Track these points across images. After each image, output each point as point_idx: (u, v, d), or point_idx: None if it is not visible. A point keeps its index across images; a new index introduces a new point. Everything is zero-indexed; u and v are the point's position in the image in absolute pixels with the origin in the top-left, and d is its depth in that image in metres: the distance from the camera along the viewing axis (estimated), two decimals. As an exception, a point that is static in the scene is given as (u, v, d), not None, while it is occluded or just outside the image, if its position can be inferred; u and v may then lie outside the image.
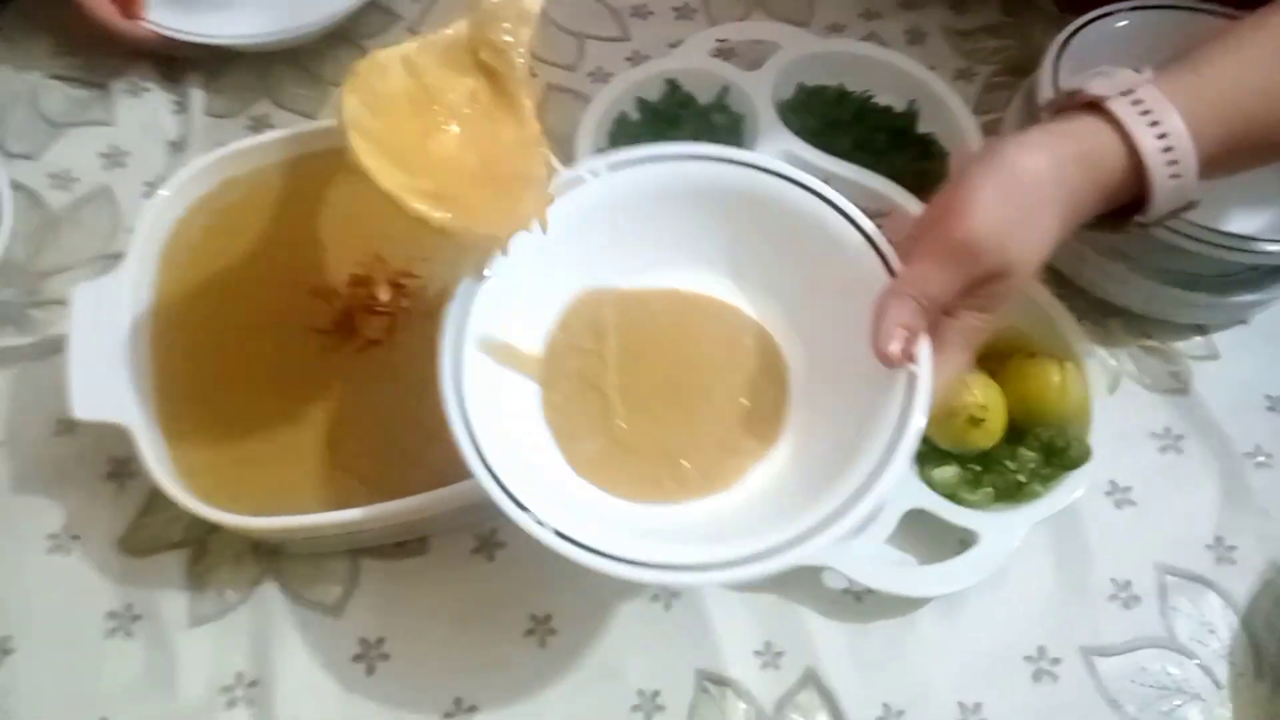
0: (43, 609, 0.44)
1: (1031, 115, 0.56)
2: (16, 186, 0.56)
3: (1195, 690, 0.45)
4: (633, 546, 0.33)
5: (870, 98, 0.59)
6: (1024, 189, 0.34)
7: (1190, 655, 0.45)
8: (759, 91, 0.57)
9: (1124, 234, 0.39)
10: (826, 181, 0.53)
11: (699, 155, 0.41)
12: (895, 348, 0.34)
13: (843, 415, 0.37)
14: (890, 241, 0.38)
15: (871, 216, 0.39)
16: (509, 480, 0.34)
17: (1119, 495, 0.49)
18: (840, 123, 0.58)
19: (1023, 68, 0.63)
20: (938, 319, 0.35)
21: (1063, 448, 0.46)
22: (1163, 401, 0.52)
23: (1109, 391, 0.52)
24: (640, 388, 0.40)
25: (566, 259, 0.40)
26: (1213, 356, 0.54)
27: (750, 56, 0.59)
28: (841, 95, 0.59)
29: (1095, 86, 0.37)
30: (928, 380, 0.35)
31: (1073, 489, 0.46)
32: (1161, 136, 0.35)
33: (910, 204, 0.53)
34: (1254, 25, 0.38)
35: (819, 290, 0.40)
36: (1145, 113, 0.36)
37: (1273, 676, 0.45)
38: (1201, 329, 0.55)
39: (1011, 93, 0.60)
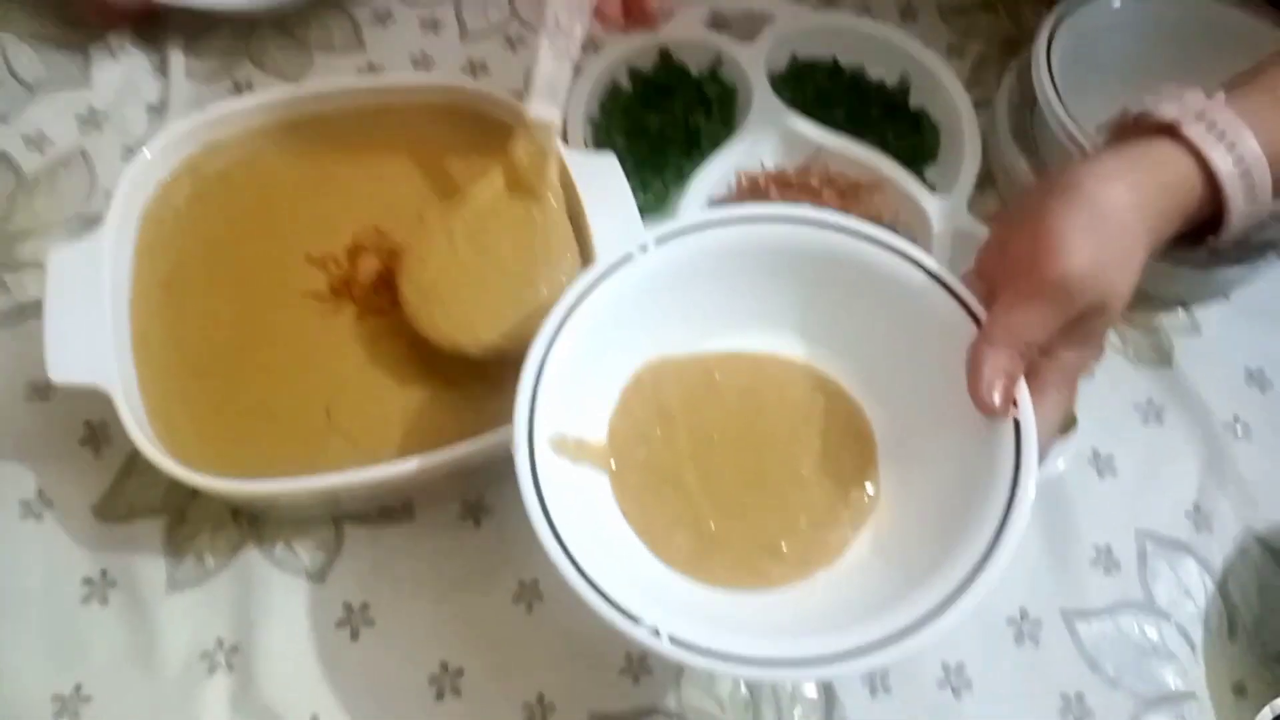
0: (15, 577, 0.43)
1: (1024, 95, 0.56)
2: (-12, 149, 0.54)
3: (1171, 650, 0.46)
4: (742, 643, 0.31)
5: (863, 71, 0.59)
6: (1110, 223, 0.34)
7: (1167, 617, 0.46)
8: (752, 63, 0.57)
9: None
10: (818, 154, 0.55)
11: (749, 218, 0.39)
12: (998, 397, 0.33)
13: (941, 473, 0.35)
14: (969, 287, 0.37)
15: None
16: (613, 591, 0.31)
17: (1101, 464, 0.50)
18: (833, 95, 0.58)
19: (1014, 44, 0.63)
20: (1035, 362, 0.35)
21: (1048, 416, 0.46)
22: (1145, 374, 0.53)
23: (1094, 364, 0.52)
24: (720, 475, 0.38)
25: (621, 337, 0.39)
26: (1194, 330, 0.55)
27: (744, 28, 0.59)
28: (834, 68, 0.59)
29: (1165, 110, 0.36)
30: (1032, 425, 0.33)
31: (1057, 458, 0.46)
32: (1238, 160, 0.35)
33: (900, 176, 0.53)
34: None
35: (894, 343, 0.38)
36: (1220, 136, 0.35)
37: (1245, 636, 0.46)
38: (1183, 303, 0.55)
39: (1002, 69, 0.60)
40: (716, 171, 0.53)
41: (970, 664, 0.44)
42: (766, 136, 0.55)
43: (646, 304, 0.39)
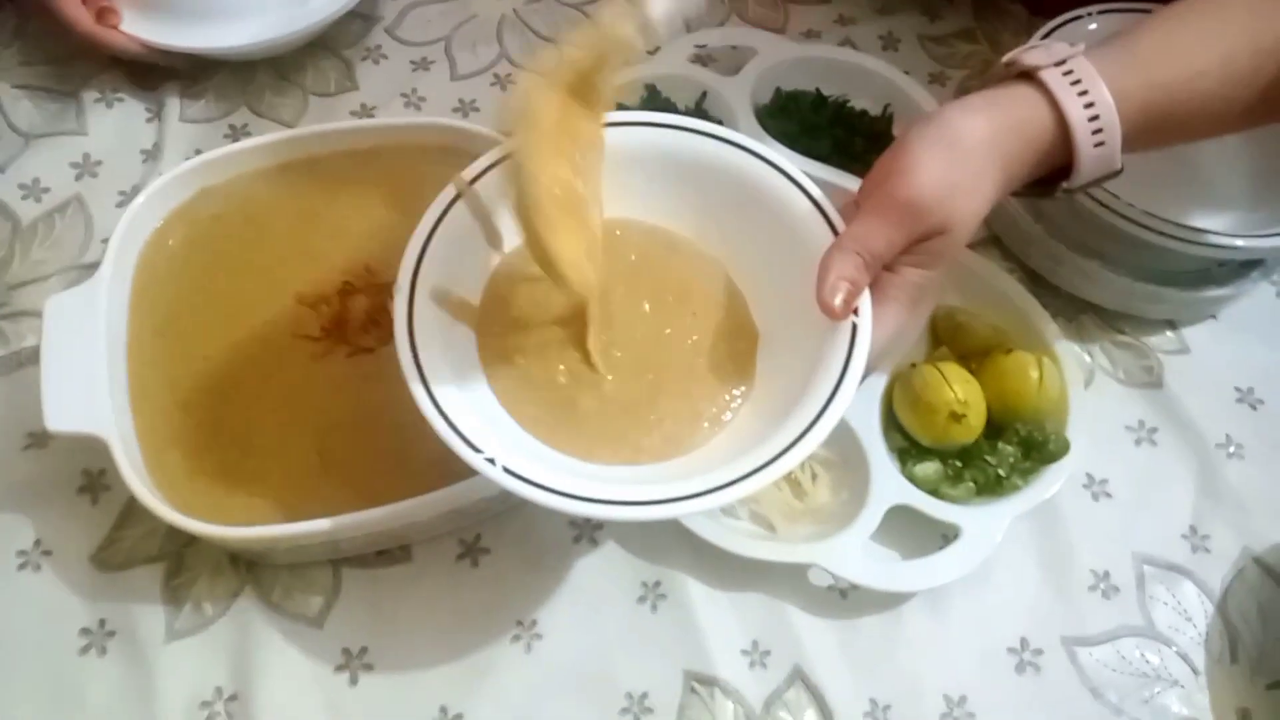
0: (13, 628, 0.43)
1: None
2: (-15, 198, 0.55)
3: (1174, 677, 0.45)
4: (588, 487, 0.33)
5: (847, 102, 0.60)
6: (964, 152, 0.36)
7: (1168, 643, 0.46)
8: (737, 97, 0.57)
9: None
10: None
11: (655, 123, 0.40)
12: (839, 300, 0.35)
13: (794, 372, 0.37)
14: (845, 214, 0.39)
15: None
16: (460, 421, 0.33)
17: (1096, 488, 0.50)
18: (818, 127, 0.58)
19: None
20: (880, 275, 0.37)
21: (1042, 442, 0.47)
22: (1136, 395, 0.53)
23: (1084, 386, 0.52)
24: (600, 327, 0.38)
25: None
26: (1184, 350, 0.55)
27: (728, 62, 0.60)
28: (819, 100, 0.60)
29: (1031, 57, 0.38)
30: (868, 330, 0.35)
31: (1052, 482, 0.46)
32: (1089, 105, 0.37)
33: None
34: (1188, 4, 0.40)
35: (769, 253, 0.40)
36: (1075, 82, 0.37)
37: (1247, 662, 0.46)
38: (1172, 324, 0.56)
39: (983, 96, 0.61)
40: (706, 205, 0.54)
41: (972, 695, 0.44)
42: (754, 169, 0.56)
43: None
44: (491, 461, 0.32)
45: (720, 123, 0.57)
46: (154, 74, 0.61)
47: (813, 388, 0.35)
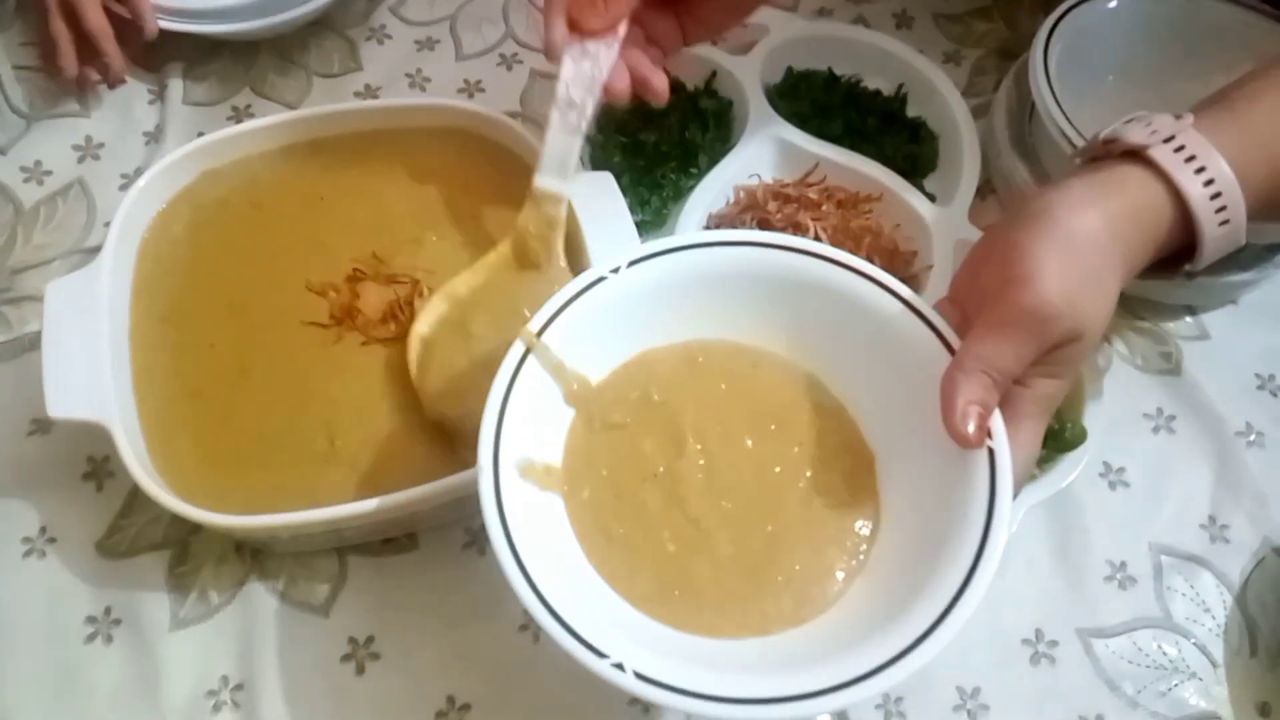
0: (19, 615, 0.43)
1: (1021, 99, 0.56)
2: (-14, 181, 0.54)
3: (1192, 669, 0.45)
4: (711, 681, 0.29)
5: (859, 81, 0.59)
6: (1083, 251, 0.33)
7: (1186, 635, 0.45)
8: (748, 76, 0.56)
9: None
10: (817, 166, 0.54)
11: (723, 241, 0.37)
12: (971, 427, 0.32)
13: (922, 504, 0.34)
14: (943, 315, 0.36)
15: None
16: (576, 622, 0.30)
17: (1113, 477, 0.49)
18: (830, 107, 0.57)
19: (1011, 50, 0.62)
20: (1010, 390, 0.34)
21: (1058, 430, 0.46)
22: (1154, 382, 0.52)
23: (1102, 373, 0.52)
24: (695, 491, 0.35)
25: (594, 355, 0.37)
26: (1203, 337, 0.54)
27: (738, 41, 0.59)
28: (831, 79, 0.59)
29: (1134, 134, 0.35)
30: (1007, 456, 0.32)
31: (1068, 471, 0.45)
32: (1208, 183, 0.34)
33: (900, 187, 0.53)
34: None
35: (872, 369, 0.36)
36: (1189, 159, 0.34)
37: (1267, 654, 0.45)
38: (1191, 310, 0.55)
39: (1000, 75, 0.59)
40: (714, 186, 0.53)
41: (986, 687, 0.44)
42: (764, 150, 0.55)
43: (620, 323, 0.37)
44: (620, 667, 0.29)
45: (730, 103, 0.57)
46: (156, 55, 0.60)
47: (958, 531, 0.31)
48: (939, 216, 0.52)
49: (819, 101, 0.58)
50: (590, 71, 0.41)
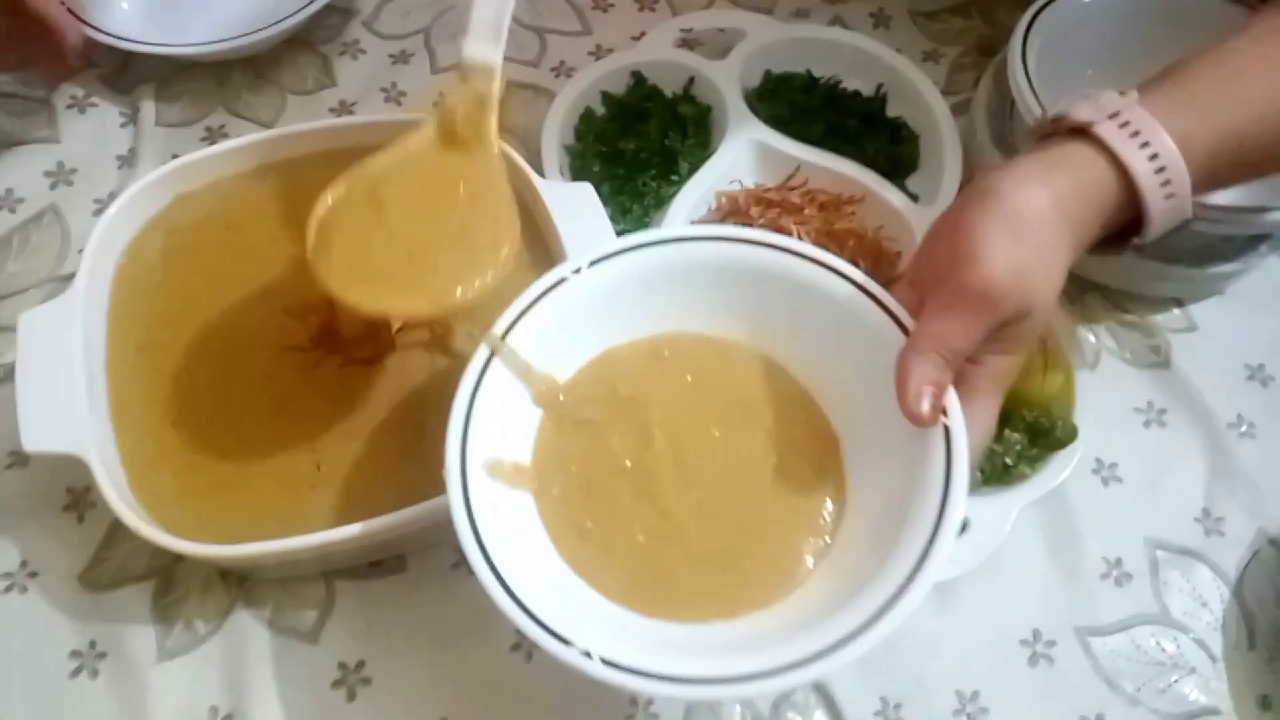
0: (3, 652, 0.42)
1: (1001, 96, 0.56)
2: (-43, 210, 0.53)
3: (1190, 664, 0.44)
4: (677, 663, 0.30)
5: (838, 83, 0.59)
6: (1031, 229, 0.33)
7: (1184, 630, 0.45)
8: (726, 81, 0.56)
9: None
10: (798, 169, 0.54)
11: (680, 238, 0.38)
12: (925, 406, 0.32)
13: (886, 487, 0.34)
14: (899, 298, 0.36)
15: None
16: (543, 613, 0.31)
17: (1105, 473, 0.49)
18: (810, 109, 0.57)
19: (990, 47, 0.62)
20: (963, 368, 0.34)
21: (1048, 428, 0.45)
22: (1144, 376, 0.52)
23: (1090, 368, 0.51)
24: (662, 483, 0.36)
25: (559, 353, 0.38)
26: (1191, 329, 0.54)
27: (716, 45, 0.58)
28: (810, 81, 0.58)
29: (1080, 112, 0.36)
30: (963, 432, 0.33)
31: (1060, 469, 0.45)
32: (1153, 158, 0.34)
33: (882, 188, 0.53)
34: (1239, 39, 0.37)
35: (832, 354, 0.37)
36: (1134, 134, 0.35)
37: (1265, 646, 0.45)
38: (1178, 301, 0.54)
39: (979, 72, 0.59)
40: (695, 193, 0.52)
41: (985, 690, 0.43)
42: (744, 154, 0.54)
43: (585, 321, 0.38)
44: (587, 655, 0.30)
45: (709, 109, 0.57)
46: (127, 76, 0.59)
47: (917, 506, 0.32)
48: (922, 216, 0.52)
49: (798, 104, 0.57)
50: None
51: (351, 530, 0.39)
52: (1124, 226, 0.37)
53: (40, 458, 0.40)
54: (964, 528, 0.44)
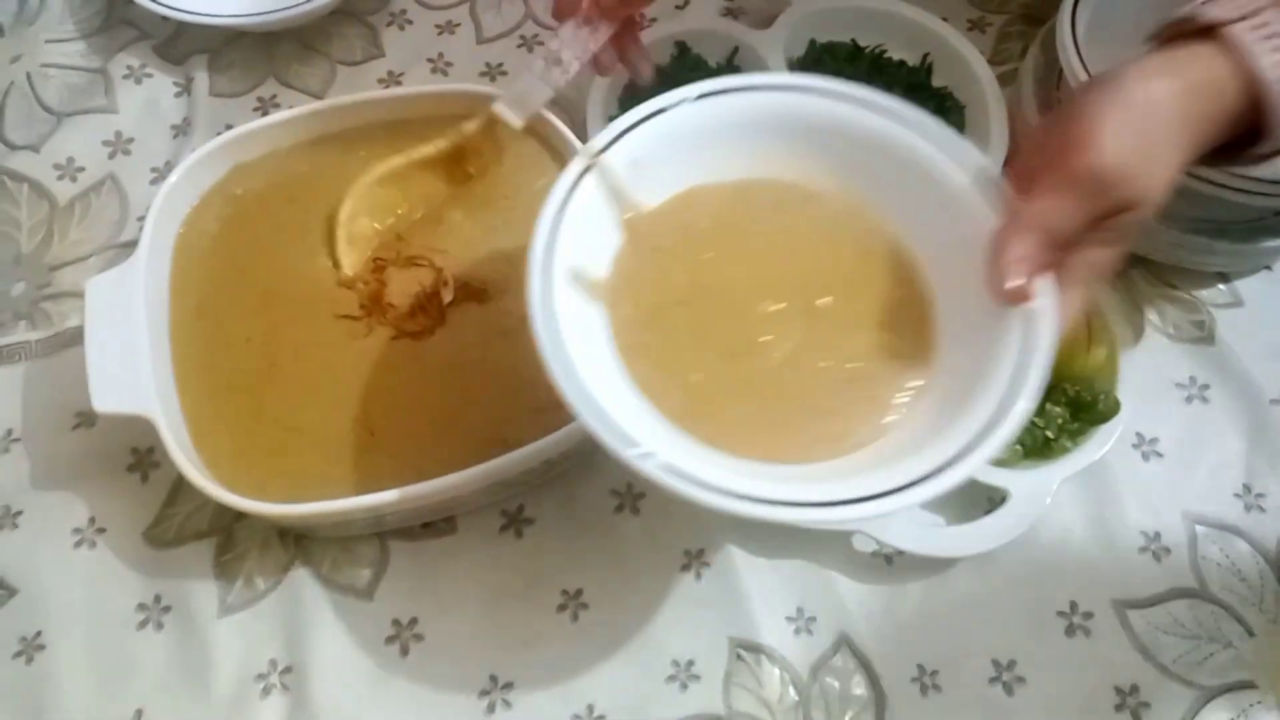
0: (72, 603, 0.44)
1: (1049, 66, 0.55)
2: (21, 179, 0.55)
3: (1227, 638, 0.45)
4: (739, 482, 0.30)
5: (883, 52, 0.58)
6: (1148, 119, 0.33)
7: (1222, 604, 0.45)
8: (770, 50, 0.56)
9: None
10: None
11: (795, 86, 0.37)
12: (1017, 283, 0.32)
13: (970, 356, 0.33)
14: (1010, 182, 0.35)
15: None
16: (611, 412, 0.30)
17: (1146, 447, 0.49)
18: (854, 79, 0.55)
19: (1037, 16, 0.61)
20: (1059, 255, 0.33)
21: (1091, 402, 0.46)
22: (1187, 351, 0.52)
23: (1133, 342, 0.51)
24: (741, 317, 0.35)
25: (652, 180, 0.37)
26: (1236, 304, 0.53)
27: (760, 15, 0.58)
28: (854, 51, 0.58)
29: (1212, 10, 0.34)
30: (1052, 317, 0.32)
31: (1101, 443, 0.45)
32: None
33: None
34: None
35: (934, 224, 0.36)
36: (1269, 37, 0.33)
37: (1305, 622, 0.45)
38: (1224, 276, 0.54)
39: (1026, 42, 0.58)
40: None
41: (1021, 660, 0.44)
42: (789, 127, 0.54)
43: (680, 154, 0.37)
44: (650, 456, 0.29)
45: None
46: (178, 47, 0.60)
47: (989, 385, 0.32)
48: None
49: (843, 74, 0.56)
50: (585, 41, 0.45)
51: (406, 492, 0.40)
52: (1244, 136, 0.35)
53: (107, 418, 0.42)
54: (1004, 499, 0.44)
